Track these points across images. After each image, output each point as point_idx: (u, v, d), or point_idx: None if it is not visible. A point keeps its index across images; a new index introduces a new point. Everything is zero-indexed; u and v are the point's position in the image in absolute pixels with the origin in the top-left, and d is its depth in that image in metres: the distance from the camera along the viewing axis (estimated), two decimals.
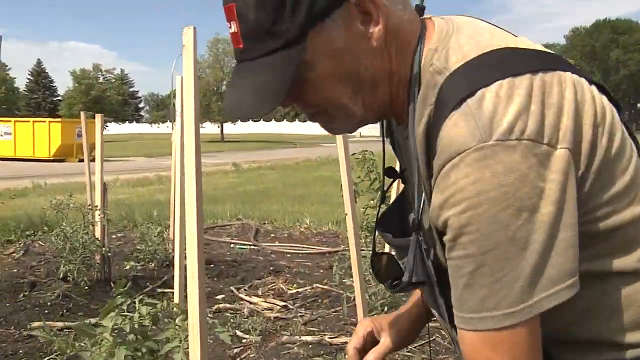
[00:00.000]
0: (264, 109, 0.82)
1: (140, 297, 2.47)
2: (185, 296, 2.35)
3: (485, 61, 0.80)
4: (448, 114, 0.77)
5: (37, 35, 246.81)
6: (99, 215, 4.62)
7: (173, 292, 4.49)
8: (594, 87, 0.85)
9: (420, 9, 0.94)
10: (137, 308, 2.43)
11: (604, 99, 0.86)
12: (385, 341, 1.15)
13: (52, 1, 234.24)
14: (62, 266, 4.41)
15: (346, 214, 3.18)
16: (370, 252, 1.12)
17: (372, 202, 4.56)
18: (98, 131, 4.73)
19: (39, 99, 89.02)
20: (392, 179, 1.11)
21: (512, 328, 0.76)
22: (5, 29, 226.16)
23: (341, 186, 3.37)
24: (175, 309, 2.37)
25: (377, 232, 1.09)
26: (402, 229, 1.04)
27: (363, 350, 1.15)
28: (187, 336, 2.35)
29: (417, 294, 1.23)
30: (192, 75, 1.57)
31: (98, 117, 4.72)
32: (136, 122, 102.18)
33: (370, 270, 1.06)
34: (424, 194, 0.88)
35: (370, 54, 0.85)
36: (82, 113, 5.32)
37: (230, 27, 0.84)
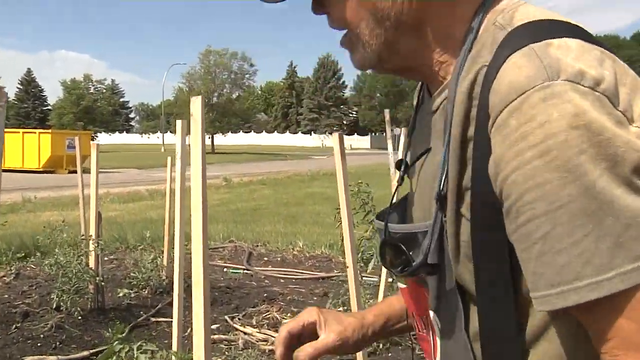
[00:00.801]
0: None
1: (139, 343, 2.46)
2: (183, 332, 2.34)
3: (553, 24, 0.72)
4: (504, 60, 0.67)
5: (28, 44, 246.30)
6: (93, 244, 4.60)
7: (166, 321, 4.49)
8: None
9: None
10: (135, 356, 2.42)
11: None
12: (325, 339, 1.03)
13: (42, 10, 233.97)
14: (55, 296, 4.37)
15: (342, 239, 3.17)
16: (378, 246, 0.98)
17: (366, 233, 4.59)
18: (94, 159, 4.72)
19: (29, 108, 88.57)
20: (402, 172, 0.98)
21: (614, 297, 0.60)
22: None
23: (337, 213, 3.35)
24: (174, 357, 2.36)
25: (383, 223, 0.95)
26: (402, 222, 0.96)
27: (297, 339, 1.04)
28: None
29: (378, 306, 1.12)
30: (200, 142, 1.58)
31: (94, 146, 4.72)
32: (126, 132, 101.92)
33: (379, 258, 0.97)
34: (448, 165, 0.76)
35: None
36: (76, 138, 5.31)
37: None
